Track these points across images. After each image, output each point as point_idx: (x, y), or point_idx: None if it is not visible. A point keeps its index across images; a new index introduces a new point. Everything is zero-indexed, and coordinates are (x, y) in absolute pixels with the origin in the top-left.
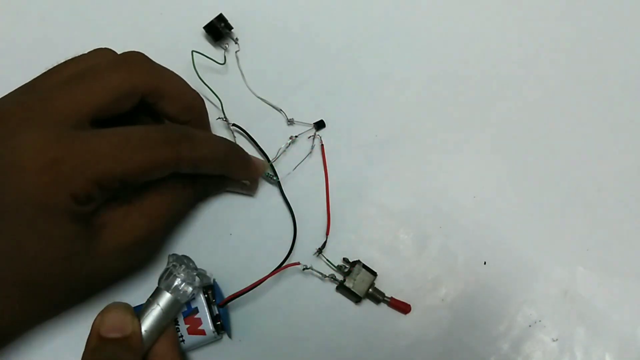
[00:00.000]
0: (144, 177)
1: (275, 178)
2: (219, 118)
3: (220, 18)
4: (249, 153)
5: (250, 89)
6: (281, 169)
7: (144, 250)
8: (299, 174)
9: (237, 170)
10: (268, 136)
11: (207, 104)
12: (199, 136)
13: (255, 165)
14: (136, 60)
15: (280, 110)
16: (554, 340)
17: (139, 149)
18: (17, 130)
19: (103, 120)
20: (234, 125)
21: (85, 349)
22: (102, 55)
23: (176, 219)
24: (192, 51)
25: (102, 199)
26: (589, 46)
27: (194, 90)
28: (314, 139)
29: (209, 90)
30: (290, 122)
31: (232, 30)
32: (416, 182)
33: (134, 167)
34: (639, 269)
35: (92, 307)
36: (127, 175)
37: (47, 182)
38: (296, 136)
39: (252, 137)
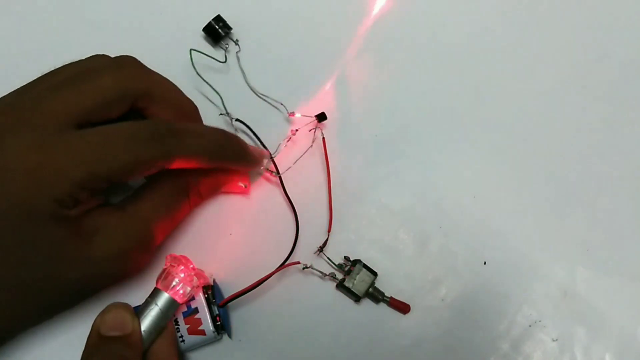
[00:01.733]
0: (131, 176)
1: (277, 174)
2: (222, 114)
3: (218, 19)
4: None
5: (251, 88)
6: (283, 166)
7: (139, 257)
8: (299, 171)
9: (235, 161)
10: (270, 135)
11: (208, 103)
12: (189, 129)
13: (254, 154)
14: (128, 63)
15: (281, 104)
16: (554, 340)
17: (123, 148)
18: (4, 134)
19: (95, 124)
20: (237, 120)
21: (85, 348)
22: (96, 60)
23: (171, 225)
24: (191, 50)
25: (91, 200)
26: (589, 46)
27: (186, 96)
28: (315, 131)
29: (209, 89)
30: (292, 117)
31: (232, 30)
32: (416, 182)
33: (118, 167)
34: (639, 269)
35: (92, 308)
36: (112, 175)
37: (29, 186)
38: (297, 130)
39: (256, 132)
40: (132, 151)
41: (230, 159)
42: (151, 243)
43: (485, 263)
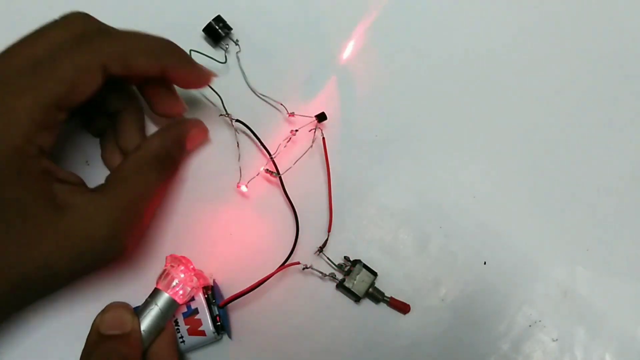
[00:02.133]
0: (82, 92)
1: (277, 174)
2: (222, 115)
3: (219, 19)
4: (251, 150)
5: (251, 88)
6: (283, 166)
7: (116, 241)
8: (299, 172)
9: (178, 68)
10: (270, 135)
11: (208, 104)
12: (123, 31)
13: (200, 66)
14: (75, 19)
15: (281, 104)
16: (554, 340)
17: (54, 67)
18: None
19: None
20: (237, 120)
21: (85, 346)
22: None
23: (152, 203)
24: (190, 50)
25: (68, 175)
26: (590, 47)
27: (153, 35)
28: (315, 131)
29: (209, 90)
30: (292, 118)
31: (232, 30)
32: (416, 182)
33: (61, 87)
34: (639, 269)
35: (91, 308)
36: (60, 99)
37: None
38: (296, 130)
39: (256, 133)
40: (65, 65)
41: (173, 66)
42: (133, 223)
43: (485, 263)
